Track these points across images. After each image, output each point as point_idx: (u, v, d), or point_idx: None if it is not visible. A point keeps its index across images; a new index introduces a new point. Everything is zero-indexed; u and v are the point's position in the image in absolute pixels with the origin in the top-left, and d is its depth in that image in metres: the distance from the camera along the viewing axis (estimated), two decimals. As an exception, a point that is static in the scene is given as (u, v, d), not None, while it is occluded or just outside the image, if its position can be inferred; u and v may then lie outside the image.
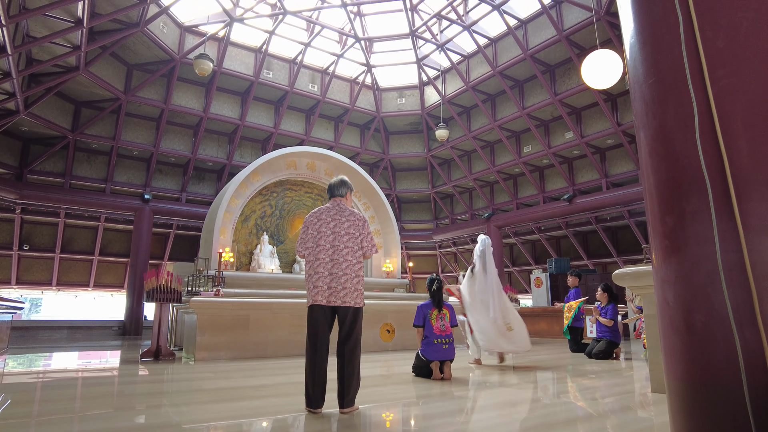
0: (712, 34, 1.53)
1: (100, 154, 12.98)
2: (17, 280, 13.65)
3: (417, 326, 4.92)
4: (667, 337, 1.66)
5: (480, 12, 12.58)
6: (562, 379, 4.89)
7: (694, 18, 1.56)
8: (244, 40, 13.11)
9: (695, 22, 1.56)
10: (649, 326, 4.13)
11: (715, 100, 1.51)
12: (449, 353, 4.77)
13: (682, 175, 1.58)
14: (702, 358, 1.51)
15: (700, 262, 1.51)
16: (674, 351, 1.61)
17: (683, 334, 1.56)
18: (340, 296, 3.23)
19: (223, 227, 10.28)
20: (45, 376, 5.30)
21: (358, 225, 3.41)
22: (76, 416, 3.12)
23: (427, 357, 4.75)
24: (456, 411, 3.37)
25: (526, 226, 15.53)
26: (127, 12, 9.79)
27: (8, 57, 8.32)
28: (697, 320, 1.51)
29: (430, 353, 4.73)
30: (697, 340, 1.52)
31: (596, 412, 3.32)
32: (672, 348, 1.63)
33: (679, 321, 1.58)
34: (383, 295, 9.38)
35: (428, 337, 4.80)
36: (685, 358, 1.56)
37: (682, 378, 1.58)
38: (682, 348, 1.57)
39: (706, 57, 1.53)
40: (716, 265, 1.46)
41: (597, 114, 12.29)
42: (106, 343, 9.89)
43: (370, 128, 15.62)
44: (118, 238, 14.87)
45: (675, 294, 1.59)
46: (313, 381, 3.13)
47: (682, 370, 1.58)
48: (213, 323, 6.64)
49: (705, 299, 1.49)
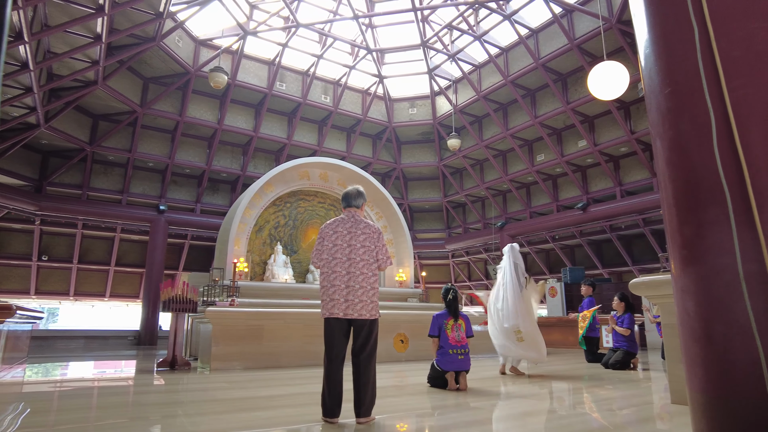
0: (727, 45, 1.53)
1: (117, 166, 13.21)
2: (36, 290, 13.86)
3: (432, 336, 4.89)
4: (688, 348, 1.64)
5: (491, 22, 12.64)
6: (578, 390, 4.82)
7: (710, 28, 1.56)
8: (257, 52, 13.31)
9: (711, 32, 1.56)
10: (668, 336, 4.07)
11: (732, 109, 1.50)
12: (465, 364, 4.73)
13: (700, 185, 1.57)
14: (723, 370, 1.49)
15: (720, 272, 1.50)
16: (695, 362, 1.59)
17: (704, 344, 1.55)
18: (356, 309, 3.25)
19: (238, 237, 10.37)
20: (62, 385, 5.37)
21: (373, 237, 3.41)
22: (93, 425, 3.16)
23: (442, 367, 4.72)
24: (472, 422, 3.34)
25: (540, 235, 15.42)
26: (143, 27, 10.00)
27: (30, 72, 8.55)
28: (718, 331, 1.49)
29: (446, 363, 4.70)
30: (719, 350, 1.50)
31: (614, 424, 3.27)
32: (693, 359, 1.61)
33: (699, 332, 1.56)
34: (396, 305, 9.36)
35: (443, 347, 4.76)
36: (707, 369, 1.54)
37: (703, 389, 1.56)
38: (704, 359, 1.55)
39: (722, 67, 1.53)
40: (737, 275, 1.45)
41: (610, 122, 12.21)
42: (121, 353, 9.99)
43: (382, 138, 15.69)
44: (134, 248, 15.05)
45: (695, 304, 1.58)
46: (329, 391, 3.14)
47: (704, 382, 1.56)
48: (228, 333, 6.67)
49: (726, 310, 1.48)
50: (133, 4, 9.05)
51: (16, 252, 13.40)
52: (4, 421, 3.21)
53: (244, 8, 12.33)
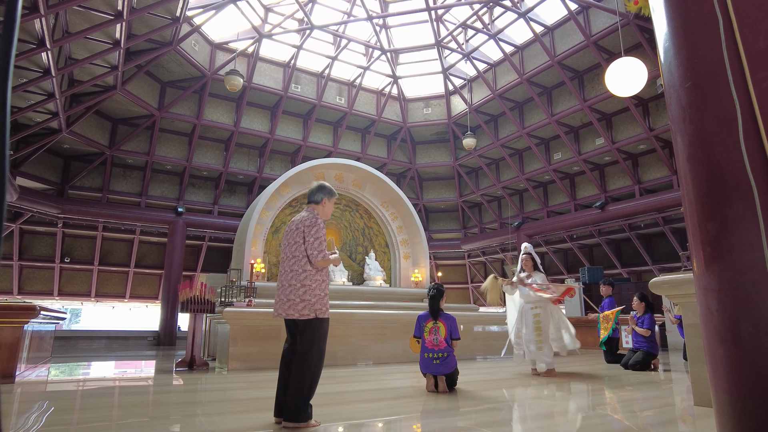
0: (752, 36, 1.49)
1: (136, 169, 13.43)
2: (59, 292, 14.16)
3: (416, 337, 4.76)
4: (712, 348, 1.60)
5: (506, 20, 12.55)
6: (598, 391, 4.75)
7: (733, 19, 1.52)
8: (272, 55, 13.41)
9: (735, 23, 1.52)
10: (690, 336, 3.99)
11: (758, 102, 1.46)
12: (441, 368, 4.49)
13: (724, 180, 1.53)
14: (750, 371, 1.45)
15: (745, 270, 1.46)
16: (720, 363, 1.55)
17: (729, 345, 1.50)
18: (283, 309, 3.12)
19: (255, 239, 10.46)
20: (85, 385, 5.47)
21: (300, 230, 3.19)
22: (114, 424, 3.21)
23: (420, 369, 4.65)
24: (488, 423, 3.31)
25: (557, 235, 15.24)
26: (160, 32, 10.15)
27: (52, 79, 8.74)
28: (745, 330, 1.45)
29: (422, 366, 4.62)
30: (745, 351, 1.46)
31: (636, 426, 3.20)
32: (717, 359, 1.57)
33: (724, 331, 1.52)
34: (412, 306, 9.33)
35: (422, 350, 4.65)
36: (733, 369, 1.50)
37: (728, 391, 1.52)
38: (729, 360, 1.51)
39: (747, 59, 1.49)
40: (764, 273, 1.40)
41: (628, 119, 12.02)
42: (141, 353, 10.14)
43: (397, 138, 15.68)
44: (153, 250, 15.28)
45: (719, 303, 1.54)
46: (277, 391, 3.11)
47: (729, 383, 1.51)
48: (245, 333, 6.73)
49: (753, 308, 1.43)
50: (150, 10, 9.19)
51: (40, 254, 13.71)
52: (30, 419, 3.28)
53: (258, 11, 12.45)
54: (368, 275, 11.99)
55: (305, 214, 3.30)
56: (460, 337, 4.72)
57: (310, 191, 3.38)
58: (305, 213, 3.31)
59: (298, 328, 3.12)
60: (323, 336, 3.15)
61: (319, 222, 3.24)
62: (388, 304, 9.27)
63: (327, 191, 3.37)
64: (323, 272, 3.23)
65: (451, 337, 4.64)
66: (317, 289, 3.12)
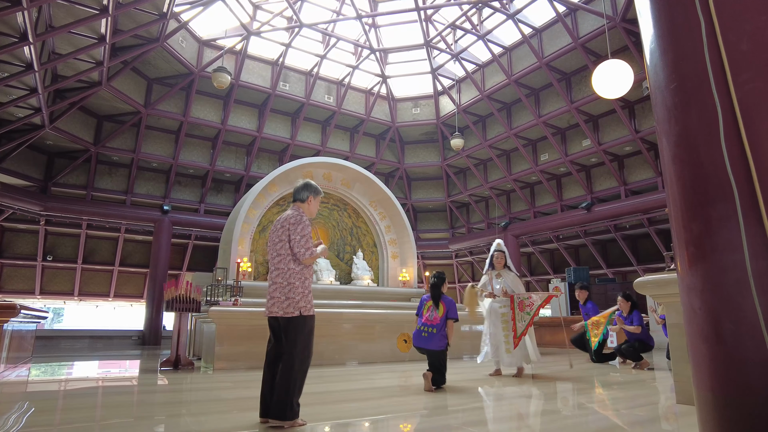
0: (735, 38, 1.51)
1: (121, 167, 13.26)
2: (41, 290, 13.92)
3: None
4: (695, 346, 1.62)
5: (494, 21, 12.61)
6: (583, 390, 4.79)
7: (716, 22, 1.54)
8: (261, 53, 13.32)
9: (717, 26, 1.54)
10: (673, 336, 4.04)
11: (739, 104, 1.48)
12: (427, 342, 4.77)
13: (708, 181, 1.55)
14: (732, 368, 1.47)
15: (728, 269, 1.48)
16: (703, 361, 1.57)
17: (712, 342, 1.53)
18: (270, 307, 3.15)
19: (242, 238, 10.38)
20: (67, 385, 5.38)
21: (285, 227, 3.20)
22: (98, 424, 3.16)
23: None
24: (474, 423, 3.32)
25: (544, 235, 15.37)
26: (147, 28, 10.03)
27: (35, 73, 8.58)
28: (727, 328, 1.47)
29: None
30: (728, 349, 1.48)
31: (619, 424, 3.24)
32: (701, 358, 1.59)
33: (707, 329, 1.54)
34: (400, 305, 9.34)
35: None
36: (715, 367, 1.52)
37: (711, 389, 1.54)
38: (712, 357, 1.53)
39: (729, 61, 1.51)
40: (745, 272, 1.43)
41: (614, 121, 12.16)
42: (125, 353, 10.01)
43: (386, 138, 15.68)
44: (138, 249, 15.10)
45: (702, 301, 1.56)
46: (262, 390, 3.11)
47: (712, 381, 1.53)
48: (231, 333, 6.67)
49: (734, 306, 1.46)
50: (137, 5, 9.07)
51: (21, 252, 13.47)
52: (9, 420, 3.21)
53: (247, 8, 12.36)
54: (356, 275, 11.97)
55: (290, 212, 3.30)
56: (458, 318, 4.90)
57: (296, 189, 3.38)
58: (290, 211, 3.31)
59: (281, 327, 3.11)
60: (309, 334, 3.14)
61: (305, 220, 3.24)
62: (375, 304, 9.26)
63: (312, 189, 3.38)
64: (308, 270, 3.24)
65: (447, 317, 4.84)
66: (301, 287, 3.13)
